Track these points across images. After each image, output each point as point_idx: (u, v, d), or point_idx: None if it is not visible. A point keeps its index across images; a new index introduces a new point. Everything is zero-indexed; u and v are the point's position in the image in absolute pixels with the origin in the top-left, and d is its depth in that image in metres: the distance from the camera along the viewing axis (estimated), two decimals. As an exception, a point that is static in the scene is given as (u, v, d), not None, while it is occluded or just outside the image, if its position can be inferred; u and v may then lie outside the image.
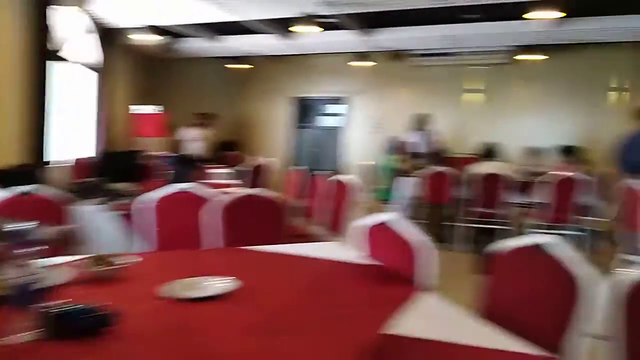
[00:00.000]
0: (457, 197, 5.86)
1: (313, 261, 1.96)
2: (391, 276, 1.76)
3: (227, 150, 9.36)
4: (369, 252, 1.99)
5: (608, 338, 1.24)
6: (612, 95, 8.47)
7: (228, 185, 4.65)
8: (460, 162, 6.71)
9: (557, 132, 8.28)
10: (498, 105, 9.08)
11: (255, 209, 2.69)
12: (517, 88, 9.05)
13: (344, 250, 2.17)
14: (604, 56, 8.29)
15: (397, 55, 9.13)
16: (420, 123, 7.51)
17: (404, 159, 6.85)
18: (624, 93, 8.35)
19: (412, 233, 1.73)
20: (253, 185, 5.31)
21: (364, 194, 7.02)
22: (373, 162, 7.00)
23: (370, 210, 7.08)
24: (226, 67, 10.35)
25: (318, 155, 10.43)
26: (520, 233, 5.84)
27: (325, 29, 6.80)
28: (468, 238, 5.78)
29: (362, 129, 9.90)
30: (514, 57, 8.18)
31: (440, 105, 9.15)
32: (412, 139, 7.46)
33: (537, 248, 1.42)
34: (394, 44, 8.35)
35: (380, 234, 1.90)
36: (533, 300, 1.41)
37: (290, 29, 6.51)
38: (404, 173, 6.29)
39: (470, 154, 7.34)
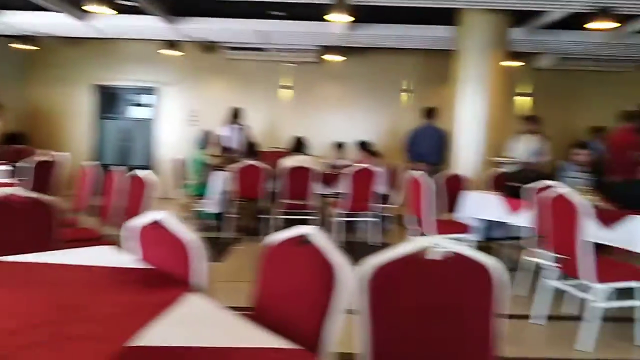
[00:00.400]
0: (270, 191, 5.96)
1: (72, 270, 1.72)
2: (160, 280, 1.63)
3: (12, 144, 8.02)
4: (142, 254, 1.82)
5: (357, 312, 1.33)
6: (403, 96, 9.60)
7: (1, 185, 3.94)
8: (273, 156, 6.84)
9: (358, 128, 9.06)
10: (308, 101, 9.55)
11: (13, 212, 2.28)
12: (324, 86, 9.64)
13: (116, 254, 1.96)
14: (395, 60, 9.32)
15: (210, 46, 8.93)
16: (235, 117, 7.46)
17: (217, 153, 6.73)
18: (412, 94, 9.54)
19: (184, 231, 1.63)
20: (36, 184, 4.62)
21: (176, 189, 6.72)
22: (186, 157, 6.72)
23: (183, 208, 6.74)
24: (10, 47, 8.87)
25: (127, 149, 9.66)
26: (326, 222, 6.23)
27: (125, 12, 6.26)
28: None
29: (175, 121, 9.47)
30: (321, 57, 8.66)
31: (255, 100, 9.25)
32: (226, 132, 7.37)
33: (299, 239, 1.45)
34: (204, 35, 8.13)
35: (153, 234, 1.76)
36: (296, 290, 1.43)
37: (83, 8, 5.83)
38: (217, 167, 6.17)
39: (282, 148, 7.55)
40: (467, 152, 6.32)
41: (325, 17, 5.53)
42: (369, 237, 5.96)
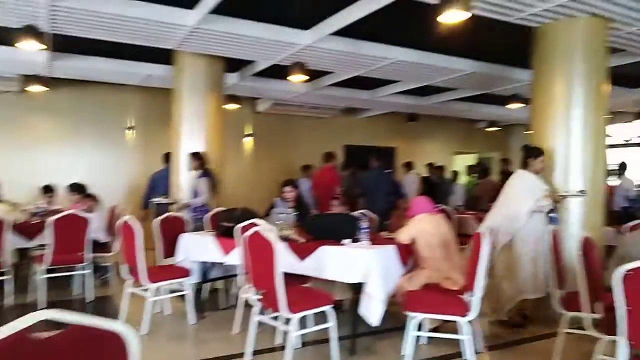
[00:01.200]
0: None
1: None
2: None
3: None
4: None
5: None
6: (128, 134, 9.09)
7: None
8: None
9: (75, 168, 8.16)
10: (9, 137, 8.14)
11: None
12: (30, 120, 8.39)
13: None
14: (117, 96, 8.79)
15: None
16: None
17: None
18: (136, 132, 9.12)
19: None
20: None
21: None
22: None
23: None
24: None
25: None
26: (30, 280, 5.26)
27: None
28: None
29: None
30: (24, 88, 7.49)
31: None
32: None
33: None
34: None
35: None
36: None
37: None
38: None
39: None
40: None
41: (16, 44, 4.79)
42: (86, 293, 5.25)
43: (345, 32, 5.20)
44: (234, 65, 6.91)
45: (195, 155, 5.96)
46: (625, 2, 4.15)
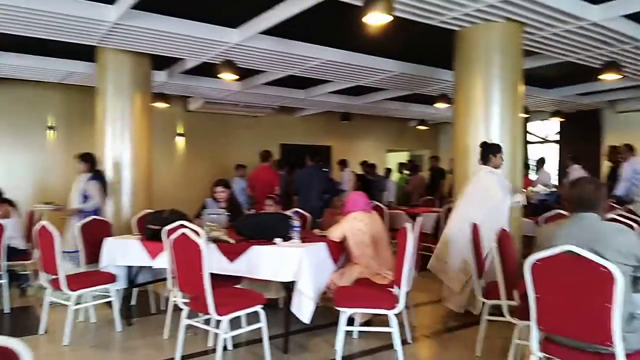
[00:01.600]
0: None
1: None
2: None
3: None
4: None
5: None
6: (49, 134, 8.57)
7: None
8: None
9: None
10: None
11: None
12: None
13: None
14: (37, 94, 8.27)
15: None
16: None
17: None
18: (57, 132, 8.62)
19: None
20: None
21: None
22: None
23: None
24: None
25: None
26: None
27: None
28: None
29: None
30: None
31: None
32: None
33: None
34: None
35: None
36: None
37: None
38: None
39: None
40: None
41: None
42: (3, 304, 4.88)
43: (275, 31, 5.18)
44: (162, 62, 6.69)
45: (84, 157, 5.63)
46: (537, 8, 4.42)
